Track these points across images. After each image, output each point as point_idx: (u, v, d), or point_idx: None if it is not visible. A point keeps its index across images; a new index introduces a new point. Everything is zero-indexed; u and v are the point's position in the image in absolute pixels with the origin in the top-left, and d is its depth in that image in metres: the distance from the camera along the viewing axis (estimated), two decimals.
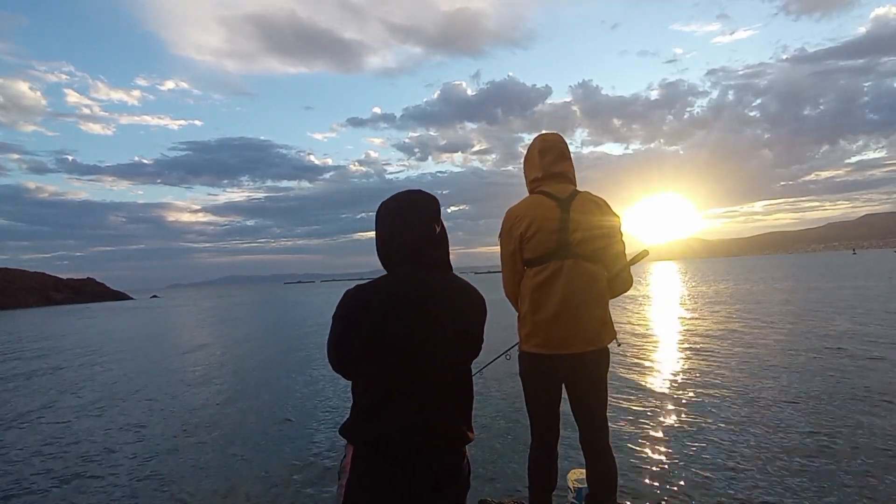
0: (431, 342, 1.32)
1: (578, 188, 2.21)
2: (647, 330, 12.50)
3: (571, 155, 2.26)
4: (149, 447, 5.56)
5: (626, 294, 2.38)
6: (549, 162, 2.17)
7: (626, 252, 2.19)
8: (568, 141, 2.30)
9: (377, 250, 1.44)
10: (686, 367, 8.03)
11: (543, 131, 2.39)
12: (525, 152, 2.31)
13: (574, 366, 2.08)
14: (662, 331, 12.33)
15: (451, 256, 1.46)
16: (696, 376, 7.31)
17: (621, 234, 2.15)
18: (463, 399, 1.38)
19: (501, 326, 4.20)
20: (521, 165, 2.31)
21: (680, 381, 7.11)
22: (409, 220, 1.38)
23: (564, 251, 2.03)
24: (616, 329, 2.20)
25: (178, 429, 6.24)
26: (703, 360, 8.48)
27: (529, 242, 2.07)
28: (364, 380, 1.33)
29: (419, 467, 1.29)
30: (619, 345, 2.25)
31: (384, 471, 1.28)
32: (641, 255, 2.34)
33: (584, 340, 2.04)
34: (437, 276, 1.38)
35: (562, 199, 2.08)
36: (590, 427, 2.15)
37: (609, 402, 2.20)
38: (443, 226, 1.43)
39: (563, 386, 2.16)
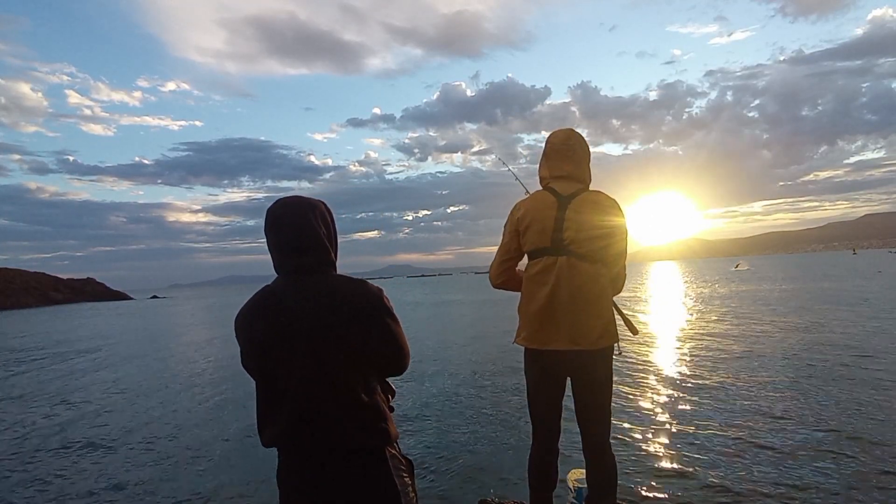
0: (293, 352, 1.30)
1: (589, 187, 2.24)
2: (647, 329, 12.49)
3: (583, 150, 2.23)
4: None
5: (626, 295, 2.37)
6: (554, 165, 2.21)
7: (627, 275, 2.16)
8: None
9: None
10: (687, 367, 8.01)
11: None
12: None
13: (571, 365, 2.08)
14: (662, 331, 12.32)
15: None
16: (697, 377, 7.29)
17: (626, 235, 2.13)
18: (352, 405, 1.32)
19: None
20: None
21: (681, 381, 7.09)
22: (275, 227, 1.38)
23: (558, 248, 2.06)
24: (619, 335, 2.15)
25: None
26: (704, 360, 8.47)
27: (524, 236, 2.14)
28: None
29: (316, 475, 1.31)
30: (619, 352, 2.16)
31: (288, 473, 1.36)
32: (630, 328, 2.33)
33: (568, 339, 2.02)
34: (304, 282, 1.35)
35: (563, 196, 2.11)
36: (589, 427, 2.15)
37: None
38: (316, 231, 1.38)
39: (570, 384, 2.17)
